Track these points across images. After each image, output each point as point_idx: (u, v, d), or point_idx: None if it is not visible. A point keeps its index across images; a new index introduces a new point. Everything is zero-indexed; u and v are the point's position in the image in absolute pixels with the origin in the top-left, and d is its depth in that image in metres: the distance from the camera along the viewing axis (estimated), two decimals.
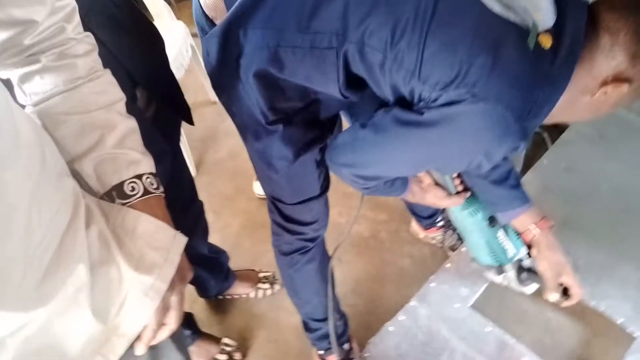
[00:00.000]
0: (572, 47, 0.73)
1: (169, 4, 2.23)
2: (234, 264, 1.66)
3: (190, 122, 1.18)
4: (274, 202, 1.11)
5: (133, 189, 0.66)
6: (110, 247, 0.61)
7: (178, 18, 2.20)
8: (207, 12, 0.93)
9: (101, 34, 0.86)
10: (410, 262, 1.66)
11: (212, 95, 2.33)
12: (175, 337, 0.73)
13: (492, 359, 1.29)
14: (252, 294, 1.64)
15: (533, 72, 0.72)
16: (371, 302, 1.46)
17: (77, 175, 0.65)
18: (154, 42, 1.08)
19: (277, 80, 0.88)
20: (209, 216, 1.90)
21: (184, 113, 1.16)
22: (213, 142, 2.27)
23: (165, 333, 0.67)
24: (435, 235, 1.65)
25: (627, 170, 1.62)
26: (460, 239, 1.56)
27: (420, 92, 0.76)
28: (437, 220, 1.61)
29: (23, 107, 0.66)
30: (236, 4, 0.84)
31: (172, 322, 0.67)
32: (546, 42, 0.72)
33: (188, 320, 1.44)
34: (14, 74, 0.64)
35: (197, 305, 1.66)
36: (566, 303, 1.09)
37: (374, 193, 1.03)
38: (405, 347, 1.35)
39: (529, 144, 1.04)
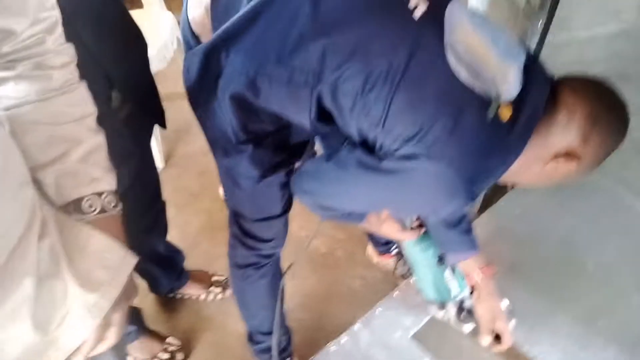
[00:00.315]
0: (529, 121, 0.78)
1: None
2: (189, 263, 1.67)
3: (163, 126, 1.19)
4: (235, 216, 1.14)
5: (91, 206, 0.67)
6: (59, 261, 0.62)
7: (168, 8, 2.19)
8: (193, 28, 0.95)
9: (85, 34, 0.87)
10: (362, 284, 1.71)
11: None
12: (114, 345, 0.74)
13: None
14: (202, 296, 1.65)
15: (488, 142, 0.77)
16: (318, 319, 1.49)
17: (37, 183, 0.66)
18: (137, 45, 1.08)
19: (252, 104, 0.91)
20: (171, 211, 1.90)
21: (158, 116, 1.17)
22: (186, 134, 2.27)
23: (104, 347, 0.68)
24: (388, 262, 1.70)
25: (577, 225, 1.70)
26: (409, 268, 1.62)
27: (383, 141, 0.81)
28: (392, 248, 1.66)
29: None
30: (223, 27, 0.86)
31: (112, 338, 0.68)
32: (505, 114, 0.77)
33: (135, 315, 1.45)
34: None
35: (147, 300, 1.66)
36: (496, 348, 1.15)
37: (333, 219, 1.07)
38: None
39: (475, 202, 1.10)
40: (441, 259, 1.18)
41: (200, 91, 0.93)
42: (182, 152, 2.22)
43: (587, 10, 1.95)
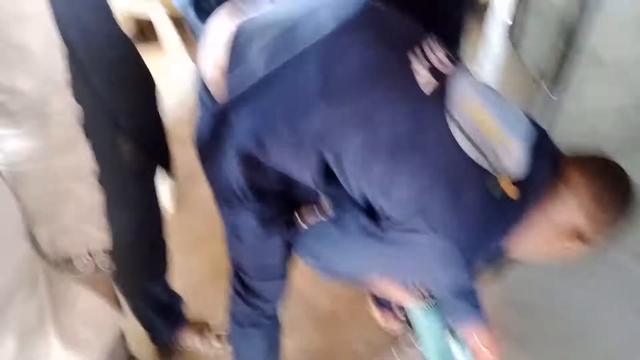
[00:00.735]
0: (532, 201, 0.78)
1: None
2: (191, 312, 1.65)
3: (170, 172, 1.20)
4: (236, 270, 1.13)
5: (84, 265, 0.67)
6: (45, 318, 0.61)
7: (189, 55, 2.24)
8: (209, 87, 0.96)
9: (95, 81, 0.89)
10: (365, 347, 1.66)
11: None
12: None
13: None
14: (202, 348, 1.61)
15: (489, 219, 0.77)
16: None
17: (31, 236, 0.66)
18: (147, 88, 1.10)
19: (260, 163, 0.91)
20: (178, 257, 1.89)
21: (165, 163, 1.18)
22: (200, 177, 2.28)
23: None
24: (394, 326, 1.66)
25: (592, 302, 1.66)
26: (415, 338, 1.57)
27: (389, 213, 0.81)
28: (400, 312, 1.63)
29: None
30: (237, 91, 0.88)
31: None
32: (509, 190, 0.77)
33: None
34: None
35: (145, 347, 1.62)
36: None
37: (337, 280, 1.06)
38: None
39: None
40: (452, 332, 1.15)
41: (209, 147, 0.95)
42: (194, 196, 2.21)
43: (602, 84, 1.97)
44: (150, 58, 2.20)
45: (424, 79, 0.80)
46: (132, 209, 1.04)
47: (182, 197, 2.22)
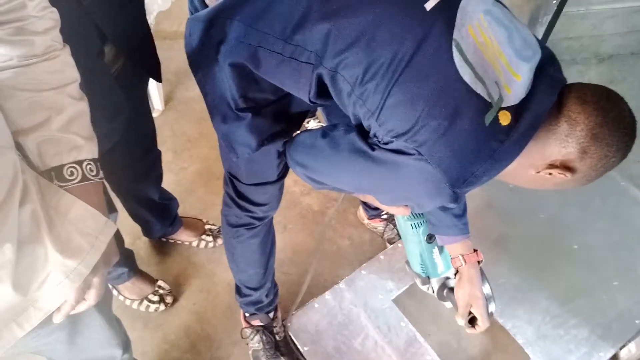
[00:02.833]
0: (528, 129, 0.74)
1: None
2: (183, 209, 1.70)
3: (158, 79, 1.18)
4: (230, 178, 1.15)
5: (72, 173, 0.67)
6: (40, 226, 0.63)
7: None
8: None
9: None
10: (349, 244, 1.74)
11: None
12: (97, 304, 0.77)
13: (399, 351, 1.41)
14: (194, 243, 1.69)
15: (479, 148, 0.74)
16: (304, 274, 1.53)
17: (19, 147, 0.66)
18: (135, 3, 1.05)
19: (252, 73, 0.89)
20: (168, 155, 1.92)
21: (153, 70, 1.15)
22: (187, 78, 2.24)
23: (83, 307, 0.71)
24: (377, 225, 1.73)
25: (567, 205, 1.73)
26: (399, 235, 1.65)
27: (376, 131, 0.80)
28: (382, 212, 1.69)
29: None
30: None
31: (92, 299, 0.71)
32: (504, 119, 0.73)
33: (127, 258, 1.49)
34: None
35: (140, 243, 1.70)
36: (470, 330, 1.18)
37: (325, 189, 1.08)
38: (325, 324, 1.46)
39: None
40: (430, 238, 1.20)
41: (201, 56, 0.92)
42: (181, 96, 2.19)
43: None
44: None
45: None
46: (118, 115, 1.04)
47: (172, 95, 2.19)
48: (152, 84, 1.95)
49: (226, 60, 0.88)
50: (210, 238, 1.69)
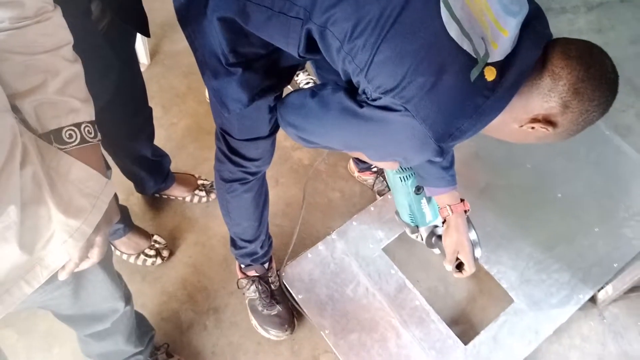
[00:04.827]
0: (512, 85, 0.76)
1: None
2: (175, 165, 1.71)
3: (146, 34, 1.16)
4: (222, 133, 1.15)
5: (71, 136, 0.68)
6: (42, 188, 0.64)
7: None
8: None
9: None
10: (340, 196, 1.78)
11: None
12: (99, 261, 0.79)
13: (390, 297, 1.47)
14: (188, 198, 1.71)
15: (465, 103, 0.76)
16: (296, 226, 1.57)
17: (17, 111, 0.66)
18: None
19: (242, 28, 0.89)
20: (157, 110, 1.90)
21: (140, 25, 1.14)
22: (173, 31, 2.19)
23: (87, 265, 0.74)
24: (367, 178, 1.76)
25: (552, 154, 1.77)
26: (388, 187, 1.68)
27: (365, 88, 0.81)
28: (372, 165, 1.71)
29: None
30: None
31: (95, 257, 0.74)
32: (490, 75, 0.75)
33: (122, 213, 1.51)
34: None
35: (133, 199, 1.72)
36: (457, 275, 1.25)
37: (315, 148, 1.10)
38: (318, 273, 1.51)
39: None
40: (418, 189, 1.24)
41: (190, 11, 0.91)
42: (167, 49, 2.15)
43: None
44: None
45: None
46: (108, 73, 1.03)
47: (157, 49, 2.15)
48: (138, 38, 1.92)
49: (214, 14, 0.88)
50: (203, 193, 1.71)
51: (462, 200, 1.21)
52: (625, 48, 2.20)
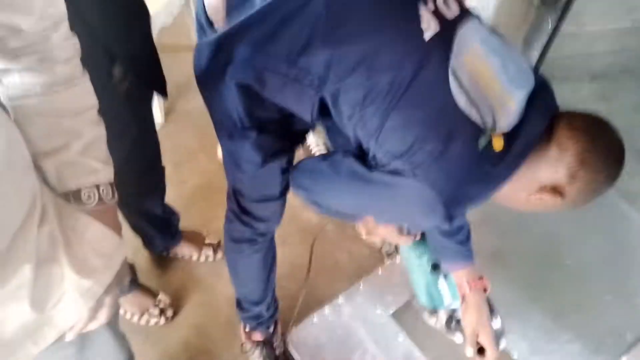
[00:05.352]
0: (520, 154, 0.79)
1: None
2: (183, 222, 1.72)
3: (164, 95, 1.21)
4: (234, 193, 1.17)
5: (89, 197, 0.70)
6: (57, 247, 0.65)
7: None
8: (208, 12, 0.95)
9: (89, 14, 0.87)
10: (348, 258, 1.77)
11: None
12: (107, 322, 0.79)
13: None
14: (195, 257, 1.71)
15: (472, 171, 0.78)
16: (302, 287, 1.55)
17: (38, 169, 0.68)
18: (141, 18, 1.08)
19: (258, 93, 0.93)
20: (168, 168, 1.93)
21: (159, 86, 1.18)
22: (188, 90, 2.26)
23: (95, 325, 0.74)
24: (376, 239, 1.76)
25: (562, 220, 1.75)
26: (396, 248, 1.67)
27: (375, 152, 0.84)
28: None
29: None
30: (237, 21, 0.87)
31: (104, 317, 0.74)
32: (497, 144, 0.77)
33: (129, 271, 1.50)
34: None
35: (140, 256, 1.72)
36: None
37: (327, 215, 1.11)
38: (324, 339, 1.48)
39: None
40: (435, 267, 1.20)
41: (209, 76, 0.95)
42: (182, 108, 2.21)
43: (600, 6, 1.93)
44: None
45: (427, 24, 0.79)
46: (125, 134, 1.06)
47: (172, 108, 2.22)
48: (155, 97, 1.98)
49: (233, 80, 0.92)
50: (210, 252, 1.71)
51: (480, 277, 1.18)
52: (629, 116, 2.25)
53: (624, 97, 2.37)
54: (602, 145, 0.77)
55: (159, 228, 1.57)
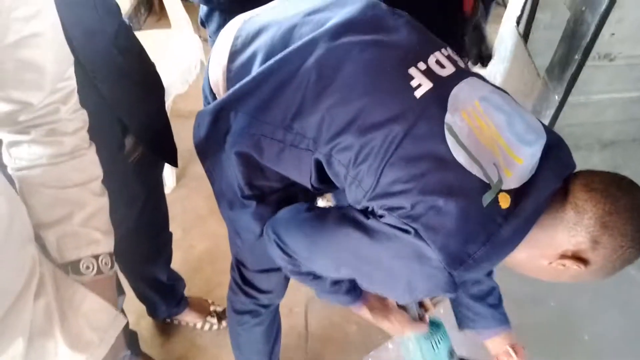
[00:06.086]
0: (529, 217, 0.73)
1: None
2: (189, 288, 1.69)
3: (175, 165, 1.22)
4: (236, 263, 1.16)
5: (88, 267, 0.70)
6: (52, 321, 0.64)
7: (196, 30, 2.21)
8: (212, 86, 0.97)
9: (103, 88, 0.89)
10: (357, 329, 1.71)
11: None
12: None
13: None
14: (199, 325, 1.67)
15: (476, 229, 0.72)
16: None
17: (38, 238, 0.68)
18: (155, 91, 1.11)
19: (258, 162, 0.92)
20: (177, 233, 1.93)
21: (170, 157, 1.20)
22: None
23: None
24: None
25: (578, 292, 1.70)
26: None
27: (373, 206, 0.80)
28: None
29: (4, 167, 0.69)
30: (233, 88, 0.89)
31: None
32: (504, 202, 0.72)
33: (130, 339, 1.46)
34: (3, 137, 0.67)
35: (143, 323, 1.68)
36: None
37: (321, 293, 1.02)
38: None
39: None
40: (452, 355, 1.10)
41: (209, 145, 0.96)
42: (193, 172, 2.24)
43: (608, 76, 1.96)
44: (156, 30, 2.18)
45: (418, 82, 0.78)
46: (134, 203, 1.07)
47: (184, 172, 2.24)
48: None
49: (232, 149, 0.91)
50: (215, 320, 1.67)
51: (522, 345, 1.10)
52: None
53: (635, 166, 2.35)
54: (625, 207, 0.70)
55: (163, 295, 1.54)
